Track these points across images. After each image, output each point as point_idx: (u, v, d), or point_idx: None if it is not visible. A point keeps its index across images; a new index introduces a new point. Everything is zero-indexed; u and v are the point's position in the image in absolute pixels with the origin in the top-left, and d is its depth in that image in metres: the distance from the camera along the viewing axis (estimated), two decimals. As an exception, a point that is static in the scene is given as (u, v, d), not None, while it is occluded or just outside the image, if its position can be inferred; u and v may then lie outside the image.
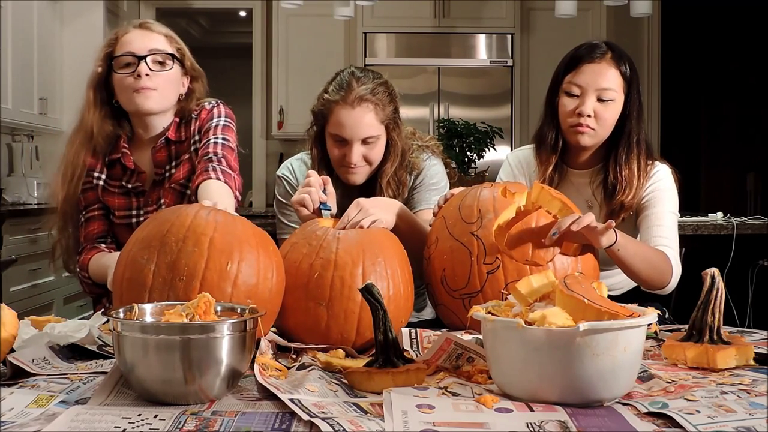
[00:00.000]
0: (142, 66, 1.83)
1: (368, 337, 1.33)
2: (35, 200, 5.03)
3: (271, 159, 6.39)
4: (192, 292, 1.20)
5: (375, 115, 1.83)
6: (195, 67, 1.95)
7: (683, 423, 0.90)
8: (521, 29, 6.07)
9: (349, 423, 0.89)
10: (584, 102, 1.80)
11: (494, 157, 4.86)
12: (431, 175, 1.97)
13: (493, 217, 1.50)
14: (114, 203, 1.93)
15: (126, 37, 1.87)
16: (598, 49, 1.83)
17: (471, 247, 1.48)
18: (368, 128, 1.82)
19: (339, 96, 1.82)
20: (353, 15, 5.28)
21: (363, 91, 1.81)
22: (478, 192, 1.57)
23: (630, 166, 1.85)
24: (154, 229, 1.27)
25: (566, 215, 1.50)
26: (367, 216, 1.55)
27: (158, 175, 1.94)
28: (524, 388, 1.01)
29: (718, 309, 1.24)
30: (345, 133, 1.83)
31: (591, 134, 1.83)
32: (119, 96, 1.88)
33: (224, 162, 1.84)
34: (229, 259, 1.23)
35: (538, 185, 1.55)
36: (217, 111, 1.94)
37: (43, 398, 1.02)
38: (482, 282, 1.46)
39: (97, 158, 1.92)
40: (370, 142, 1.84)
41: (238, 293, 1.23)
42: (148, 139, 1.94)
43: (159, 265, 1.22)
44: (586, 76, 1.80)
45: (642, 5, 5.05)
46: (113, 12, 5.81)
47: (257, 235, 1.31)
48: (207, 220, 1.27)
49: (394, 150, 1.89)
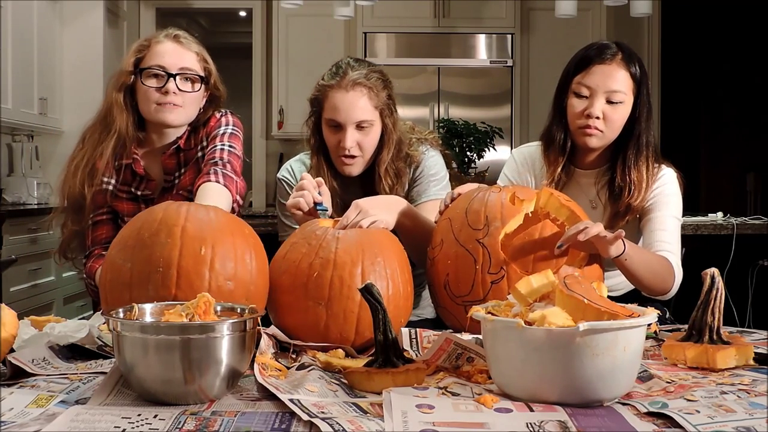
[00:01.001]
0: (171, 84, 1.85)
1: (367, 336, 1.33)
2: (35, 200, 5.03)
3: (271, 159, 6.38)
4: (170, 282, 1.23)
5: (369, 100, 1.86)
6: (218, 87, 1.97)
7: (683, 423, 0.90)
8: (521, 29, 6.06)
9: (348, 423, 0.89)
10: (593, 103, 1.79)
11: (494, 157, 4.86)
12: (430, 165, 1.98)
13: (500, 226, 1.47)
14: (123, 209, 1.94)
15: (158, 48, 1.87)
16: (608, 49, 1.81)
17: (476, 254, 1.47)
18: (362, 111, 1.85)
19: (334, 81, 1.86)
20: (353, 15, 5.28)
21: (357, 75, 1.85)
22: (486, 196, 1.54)
23: (639, 168, 1.83)
24: (128, 230, 1.33)
25: (574, 221, 1.49)
26: (367, 217, 1.55)
27: (167, 182, 1.96)
28: (524, 388, 1.01)
29: (718, 309, 1.24)
30: (339, 117, 1.85)
31: (599, 136, 1.81)
32: (142, 104, 1.90)
33: (228, 167, 1.85)
34: (202, 244, 1.26)
35: (548, 191, 1.54)
36: (225, 120, 1.97)
37: (43, 398, 1.02)
38: (485, 291, 1.45)
39: (106, 162, 1.92)
40: (364, 127, 1.86)
41: (216, 276, 1.25)
42: (159, 147, 1.95)
43: (135, 262, 1.26)
44: (596, 77, 1.79)
45: (642, 5, 5.04)
46: (113, 12, 5.81)
47: (230, 221, 1.34)
48: (178, 212, 1.30)
49: (390, 137, 1.91)
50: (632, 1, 5.05)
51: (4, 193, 4.87)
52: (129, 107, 1.90)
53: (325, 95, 1.88)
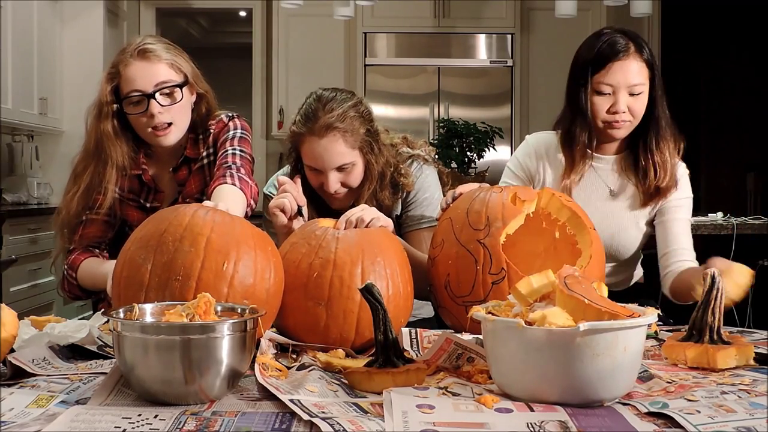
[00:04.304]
0: (153, 105, 1.81)
1: (367, 336, 1.33)
2: (35, 200, 5.03)
3: (271, 159, 6.38)
4: (188, 292, 1.19)
5: (345, 142, 1.78)
6: (200, 85, 1.93)
7: (683, 423, 0.90)
8: (521, 29, 6.07)
9: (349, 423, 0.89)
10: (618, 100, 1.81)
11: (494, 157, 4.86)
12: (424, 189, 1.93)
13: (501, 226, 1.47)
14: (133, 217, 1.91)
15: (128, 72, 1.81)
16: (619, 44, 1.82)
17: (477, 255, 1.46)
18: (339, 156, 1.78)
19: (306, 128, 1.78)
20: (353, 15, 5.28)
21: (329, 119, 1.76)
22: (487, 196, 1.53)
23: (661, 150, 1.87)
24: (152, 228, 1.27)
25: (575, 225, 1.51)
26: (368, 211, 1.54)
27: (179, 192, 1.95)
28: (524, 388, 1.01)
29: (718, 309, 1.24)
30: (318, 164, 1.80)
31: (627, 127, 1.85)
32: (137, 130, 1.87)
33: (243, 170, 1.84)
34: (226, 259, 1.23)
35: (549, 191, 1.54)
36: (233, 124, 1.94)
37: (43, 398, 1.02)
38: (486, 292, 1.44)
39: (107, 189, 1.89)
40: (345, 169, 1.81)
41: (234, 293, 1.22)
42: (167, 156, 1.94)
43: (155, 265, 1.22)
44: (617, 75, 1.80)
45: (642, 5, 5.05)
46: (113, 12, 5.81)
47: (255, 236, 1.30)
48: (204, 220, 1.26)
49: (371, 173, 1.85)
50: (632, 1, 5.05)
51: (4, 193, 4.87)
52: (121, 135, 1.86)
53: (300, 142, 1.81)
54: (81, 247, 1.89)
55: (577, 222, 1.51)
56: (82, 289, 1.86)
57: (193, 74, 1.90)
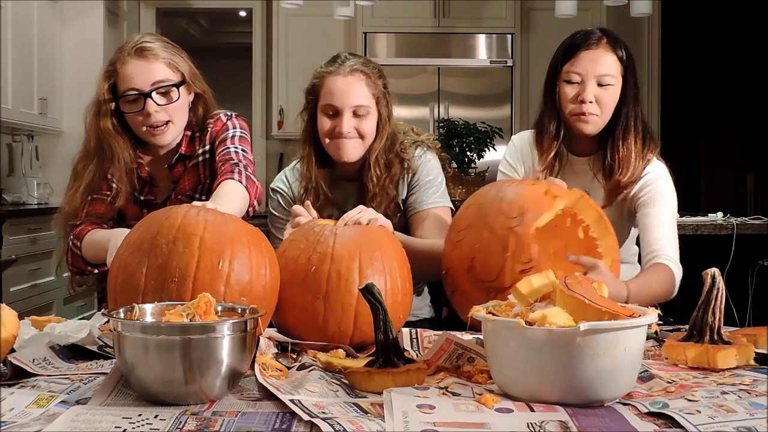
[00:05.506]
0: (149, 104, 1.81)
1: (366, 331, 1.33)
2: (35, 200, 5.03)
3: (271, 159, 6.39)
4: (185, 293, 1.20)
5: (366, 86, 1.87)
6: (198, 85, 1.92)
7: (684, 423, 0.90)
8: (521, 29, 6.06)
9: (349, 423, 0.89)
10: (585, 88, 1.82)
11: (494, 157, 4.84)
12: (427, 171, 1.97)
13: (534, 217, 1.49)
14: (128, 211, 1.92)
15: (125, 70, 1.81)
16: (593, 35, 1.85)
17: (507, 242, 1.48)
18: (359, 97, 1.86)
19: (332, 67, 1.89)
20: (353, 15, 5.28)
21: (354, 62, 1.88)
22: (520, 186, 1.57)
23: (627, 145, 1.86)
24: (144, 232, 1.28)
25: (601, 228, 1.52)
26: (367, 212, 1.55)
27: (173, 189, 1.95)
28: (525, 388, 1.01)
29: (719, 309, 1.24)
30: (336, 101, 1.85)
31: (594, 121, 1.84)
32: (134, 129, 1.87)
33: (249, 170, 1.83)
34: (221, 257, 1.23)
35: (578, 192, 1.56)
36: (232, 123, 1.94)
37: (44, 398, 1.02)
38: (513, 280, 1.42)
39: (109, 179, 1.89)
40: (360, 114, 1.86)
41: (231, 292, 1.23)
42: (163, 154, 1.94)
43: (150, 268, 1.22)
44: (585, 62, 1.82)
45: (642, 5, 5.05)
46: (113, 12, 5.81)
47: (249, 232, 1.31)
48: (197, 220, 1.27)
49: (384, 127, 1.91)
50: (632, 1, 5.05)
51: (4, 193, 4.87)
52: (121, 131, 1.86)
53: (322, 81, 1.88)
54: (87, 221, 1.87)
55: (603, 226, 1.53)
56: (86, 261, 1.84)
57: (191, 74, 1.90)
